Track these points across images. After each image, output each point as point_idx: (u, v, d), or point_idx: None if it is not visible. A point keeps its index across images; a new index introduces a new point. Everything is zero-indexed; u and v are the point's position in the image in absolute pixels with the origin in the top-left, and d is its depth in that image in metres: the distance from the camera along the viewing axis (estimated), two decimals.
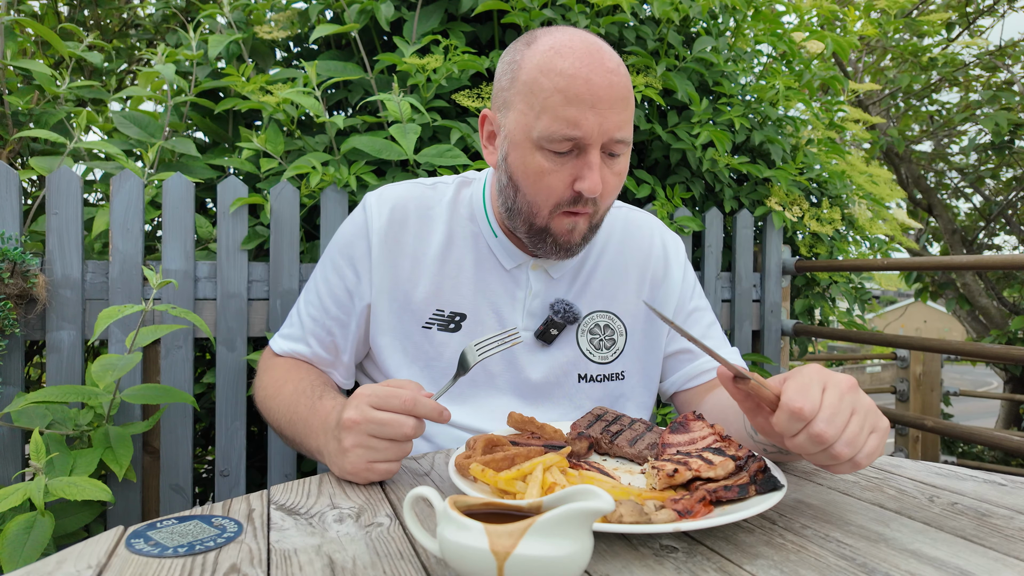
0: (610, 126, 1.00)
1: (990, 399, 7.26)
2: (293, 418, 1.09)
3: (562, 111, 0.99)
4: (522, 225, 1.10)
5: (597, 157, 1.01)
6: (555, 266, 1.20)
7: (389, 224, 1.18)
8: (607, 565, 0.69)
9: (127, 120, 1.81)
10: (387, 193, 1.21)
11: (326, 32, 1.92)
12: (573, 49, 1.00)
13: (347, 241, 1.21)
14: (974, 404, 14.62)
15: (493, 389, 1.18)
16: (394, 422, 0.87)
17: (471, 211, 1.20)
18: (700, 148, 2.15)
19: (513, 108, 1.05)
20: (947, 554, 0.72)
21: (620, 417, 1.04)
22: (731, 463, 0.84)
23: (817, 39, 2.53)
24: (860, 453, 0.75)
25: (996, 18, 6.19)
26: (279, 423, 1.14)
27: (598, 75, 0.99)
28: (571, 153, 1.02)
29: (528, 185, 1.05)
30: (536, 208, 1.06)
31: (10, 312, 1.48)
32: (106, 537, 0.74)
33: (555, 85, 0.99)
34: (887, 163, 6.62)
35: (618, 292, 1.23)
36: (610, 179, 1.05)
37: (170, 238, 1.67)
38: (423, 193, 1.21)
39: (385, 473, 0.90)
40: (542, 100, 1.00)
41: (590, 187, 1.01)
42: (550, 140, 1.00)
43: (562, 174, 1.03)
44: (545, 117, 1.00)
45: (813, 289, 2.58)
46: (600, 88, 0.99)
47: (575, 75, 0.98)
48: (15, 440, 1.54)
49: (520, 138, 1.04)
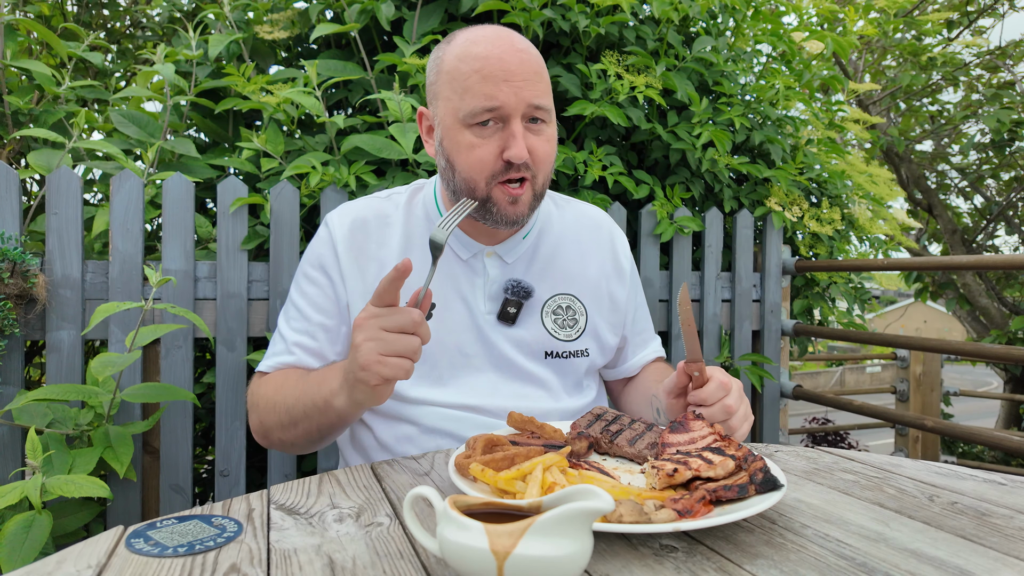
0: (526, 95, 1.11)
1: (990, 399, 7.26)
2: (305, 390, 1.10)
3: (480, 88, 1.10)
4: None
5: (519, 126, 1.11)
6: (508, 252, 1.27)
7: (351, 233, 1.26)
8: (607, 565, 0.69)
9: (126, 119, 1.80)
10: (345, 209, 1.30)
11: (326, 32, 1.92)
12: (485, 36, 1.13)
13: (315, 254, 1.28)
14: (974, 404, 14.62)
15: (471, 368, 1.24)
16: (400, 311, 0.93)
17: (425, 211, 1.29)
18: (700, 148, 2.14)
19: (440, 97, 1.16)
20: (947, 554, 0.72)
21: (620, 416, 1.04)
22: (731, 462, 0.84)
23: (817, 39, 2.52)
24: (739, 430, 1.06)
25: (996, 18, 6.19)
26: (292, 415, 1.13)
27: (509, 54, 1.11)
28: (496, 126, 1.12)
29: (462, 162, 1.14)
30: (473, 182, 1.14)
31: (10, 312, 1.48)
32: (106, 537, 0.74)
33: (471, 68, 1.11)
34: (887, 163, 6.62)
35: (577, 277, 1.33)
36: (538, 145, 1.14)
37: (170, 238, 1.67)
38: (379, 205, 1.30)
39: (397, 368, 0.92)
40: (462, 83, 1.11)
41: (516, 153, 1.10)
42: (473, 115, 1.11)
43: (490, 146, 1.12)
44: (467, 97, 1.11)
45: (813, 289, 2.58)
46: (512, 64, 1.10)
47: (488, 56, 1.11)
48: (15, 439, 1.54)
49: (450, 121, 1.14)
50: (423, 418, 1.21)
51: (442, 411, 1.20)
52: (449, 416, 1.20)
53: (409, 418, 1.22)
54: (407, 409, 1.22)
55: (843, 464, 1.05)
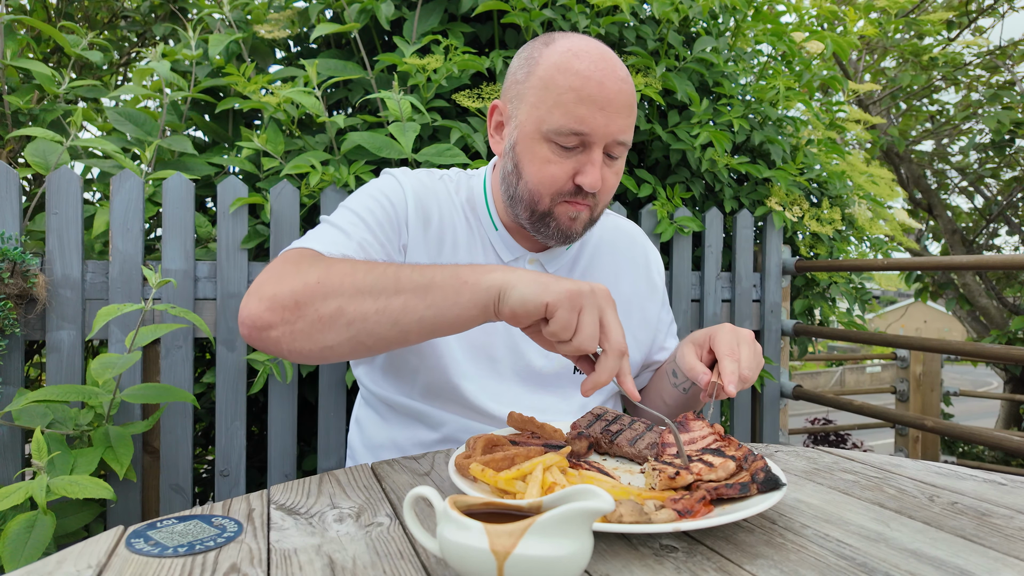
0: (615, 128, 1.08)
1: (990, 399, 7.26)
2: (420, 271, 0.92)
3: (574, 108, 1.06)
4: (524, 211, 1.15)
5: (599, 155, 1.09)
6: (551, 261, 1.26)
7: (419, 193, 1.20)
8: (607, 565, 0.69)
9: (122, 117, 1.80)
10: (408, 171, 1.24)
11: (326, 31, 1.92)
12: (589, 53, 1.08)
13: (387, 189, 1.18)
14: (974, 404, 14.62)
15: (496, 375, 1.21)
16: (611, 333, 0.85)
17: (473, 204, 1.25)
18: (700, 148, 2.14)
19: (526, 101, 1.11)
20: (947, 554, 0.72)
21: (620, 417, 1.04)
22: (731, 464, 0.84)
23: (817, 39, 2.52)
24: (754, 380, 1.05)
25: (996, 18, 6.19)
26: (399, 281, 0.92)
27: (610, 80, 1.07)
28: (576, 149, 1.09)
29: (532, 173, 1.11)
30: (537, 196, 1.12)
31: (10, 312, 1.48)
32: (106, 537, 0.74)
33: (570, 83, 1.06)
34: (887, 163, 6.62)
35: (611, 290, 1.27)
36: (609, 177, 1.13)
37: (170, 238, 1.67)
38: (434, 183, 1.25)
39: (591, 331, 0.83)
40: (556, 96, 1.07)
41: (591, 182, 1.08)
42: (559, 133, 1.07)
43: (565, 166, 1.10)
44: (557, 112, 1.07)
45: (813, 289, 2.58)
46: (611, 92, 1.07)
47: (590, 77, 1.06)
48: (15, 439, 1.54)
49: (530, 128, 1.10)
50: (446, 424, 1.19)
51: (466, 422, 1.19)
52: (473, 428, 1.18)
53: (432, 423, 1.20)
54: (432, 415, 1.20)
55: (843, 464, 1.05)
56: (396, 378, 1.23)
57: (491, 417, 1.18)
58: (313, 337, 0.94)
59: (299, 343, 0.94)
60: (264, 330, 0.95)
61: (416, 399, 1.21)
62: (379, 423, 1.26)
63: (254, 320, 0.95)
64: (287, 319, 0.93)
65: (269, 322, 0.94)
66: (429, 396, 1.20)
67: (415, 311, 0.90)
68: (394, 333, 0.92)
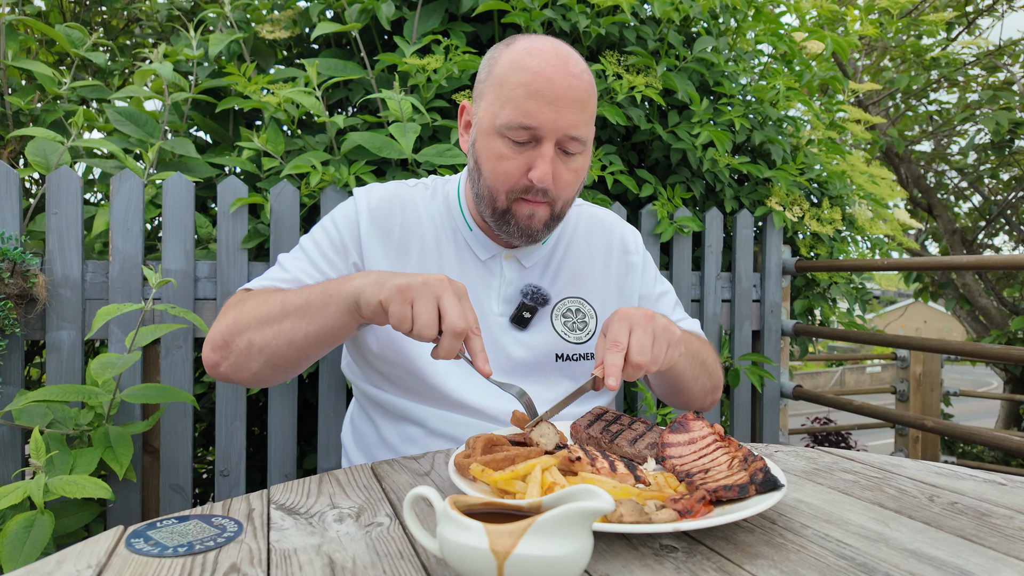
0: (565, 123, 1.10)
1: (990, 399, 7.26)
2: (311, 288, 1.05)
3: (523, 103, 1.09)
4: (487, 208, 1.18)
5: (550, 150, 1.11)
6: (527, 256, 1.28)
7: (377, 208, 1.25)
8: (607, 565, 0.69)
9: (125, 118, 1.80)
10: (374, 187, 1.30)
11: (327, 31, 1.92)
12: (543, 51, 1.11)
13: (338, 216, 1.26)
14: (974, 404, 14.61)
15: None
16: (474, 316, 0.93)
17: (448, 207, 1.29)
18: (700, 148, 2.14)
19: (484, 98, 1.16)
20: (947, 554, 0.72)
21: (620, 417, 1.04)
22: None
23: (817, 39, 2.52)
24: (658, 361, 1.01)
25: (996, 18, 6.19)
26: (284, 307, 1.05)
27: (560, 76, 1.09)
28: (528, 144, 1.11)
29: (488, 169, 1.15)
30: (495, 192, 1.15)
31: (10, 312, 1.48)
32: (106, 537, 0.74)
33: (520, 79, 1.09)
34: (887, 163, 6.62)
35: (586, 279, 1.33)
36: (564, 173, 1.14)
37: (170, 238, 1.67)
38: (407, 191, 1.30)
39: (428, 318, 0.90)
40: (508, 92, 1.10)
41: (540, 176, 1.10)
42: (509, 128, 1.10)
43: (518, 162, 1.12)
44: (508, 107, 1.10)
45: (813, 289, 2.58)
46: (560, 87, 1.09)
47: (540, 73, 1.09)
48: (15, 439, 1.54)
49: (486, 125, 1.14)
50: (429, 420, 1.21)
51: (448, 415, 1.20)
52: (455, 421, 1.20)
53: (415, 419, 1.22)
54: (414, 409, 1.22)
55: (843, 464, 1.05)
56: (380, 378, 1.25)
57: (475, 411, 1.20)
58: (243, 367, 1.10)
59: (237, 374, 1.11)
60: (215, 368, 1.12)
61: (401, 397, 1.23)
62: (368, 421, 1.29)
63: (207, 361, 1.12)
64: (224, 356, 1.10)
65: (215, 361, 1.11)
66: (413, 394, 1.22)
67: (300, 329, 1.04)
68: (292, 352, 1.06)
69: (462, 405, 1.20)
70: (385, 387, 1.25)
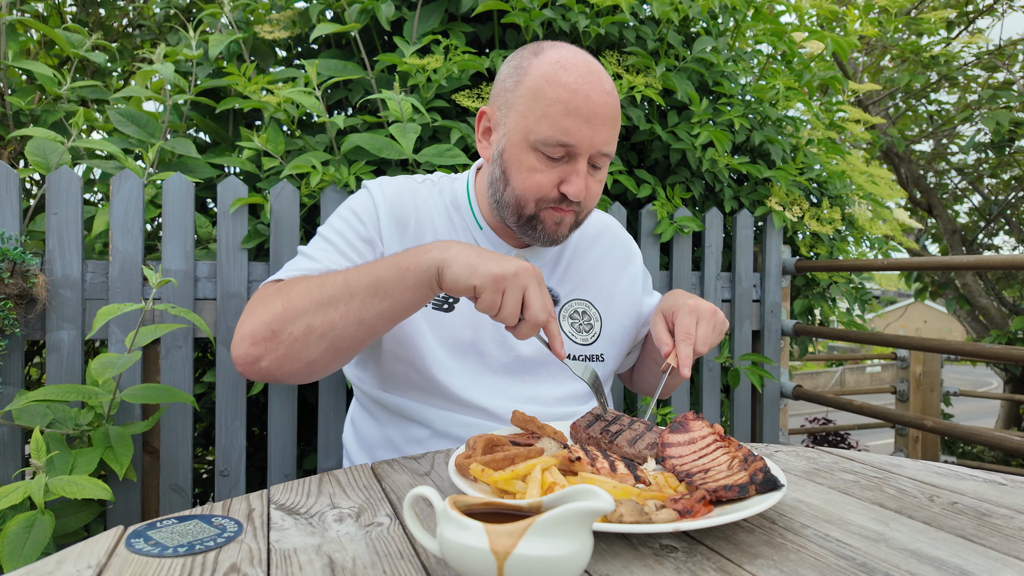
0: (599, 140, 1.12)
1: (990, 399, 7.26)
2: (368, 265, 1.03)
3: (561, 120, 1.09)
4: (511, 216, 1.19)
5: (584, 166, 1.13)
6: (536, 256, 1.29)
7: (392, 201, 1.25)
8: (607, 565, 0.69)
9: (125, 119, 1.80)
10: (384, 180, 1.30)
11: (326, 31, 1.92)
12: (577, 66, 1.12)
13: (357, 207, 1.24)
14: (974, 404, 14.62)
15: (485, 369, 1.24)
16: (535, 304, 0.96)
17: (457, 205, 1.29)
18: (700, 148, 2.14)
19: (514, 109, 1.14)
20: (947, 554, 0.72)
21: (619, 417, 1.04)
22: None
23: (817, 39, 2.52)
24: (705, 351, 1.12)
25: (996, 18, 6.19)
26: (349, 287, 1.02)
27: (597, 94, 1.10)
28: (562, 159, 1.13)
29: (519, 180, 1.15)
30: (524, 202, 1.16)
31: (10, 312, 1.48)
32: (106, 537, 0.74)
33: (558, 96, 1.10)
34: (887, 163, 6.62)
35: (592, 283, 1.35)
36: (592, 186, 1.17)
37: (170, 238, 1.67)
38: (416, 186, 1.30)
39: (513, 307, 0.95)
40: (544, 107, 1.10)
41: (575, 192, 1.13)
42: (546, 144, 1.11)
43: (551, 175, 1.13)
44: (545, 123, 1.10)
45: (813, 289, 2.58)
46: (597, 105, 1.10)
47: (577, 90, 1.09)
48: (15, 439, 1.54)
49: (518, 137, 1.14)
50: (434, 421, 1.21)
51: (453, 416, 1.21)
52: (461, 422, 1.20)
53: (421, 420, 1.22)
54: (419, 410, 1.22)
55: (843, 464, 1.05)
56: (386, 379, 1.25)
57: (481, 410, 1.20)
58: (296, 357, 1.04)
59: (286, 366, 1.05)
60: (254, 363, 1.05)
61: (406, 397, 1.23)
62: (372, 422, 1.28)
63: (244, 358, 1.05)
64: (270, 348, 1.03)
65: (256, 356, 1.04)
66: (418, 394, 1.22)
67: (373, 307, 1.01)
68: (362, 332, 1.03)
69: (468, 405, 1.20)
70: (390, 389, 1.25)
